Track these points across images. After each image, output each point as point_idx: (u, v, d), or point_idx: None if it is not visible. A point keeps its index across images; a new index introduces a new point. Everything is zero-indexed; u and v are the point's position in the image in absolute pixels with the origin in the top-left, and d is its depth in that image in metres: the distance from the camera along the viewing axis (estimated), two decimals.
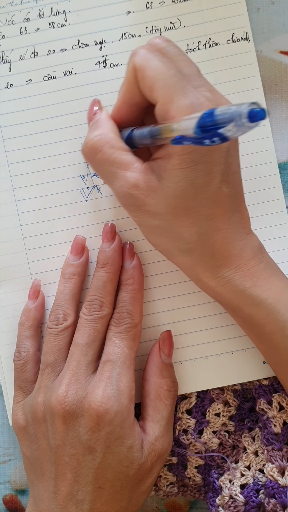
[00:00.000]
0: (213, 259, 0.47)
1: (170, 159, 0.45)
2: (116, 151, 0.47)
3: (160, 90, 0.44)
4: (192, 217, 0.46)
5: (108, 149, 0.47)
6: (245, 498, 0.51)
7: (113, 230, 0.54)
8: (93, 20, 0.57)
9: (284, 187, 0.56)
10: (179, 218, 0.46)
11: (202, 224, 0.46)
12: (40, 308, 0.55)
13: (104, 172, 0.48)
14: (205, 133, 0.38)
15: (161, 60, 0.45)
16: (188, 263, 0.49)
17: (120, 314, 0.51)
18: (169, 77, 0.44)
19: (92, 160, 0.49)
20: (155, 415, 0.51)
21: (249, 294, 0.47)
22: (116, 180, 0.47)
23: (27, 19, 0.57)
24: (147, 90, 0.46)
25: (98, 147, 0.48)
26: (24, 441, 0.52)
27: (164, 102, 0.44)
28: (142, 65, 0.46)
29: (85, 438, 0.48)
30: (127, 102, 0.49)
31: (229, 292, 0.48)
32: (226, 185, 0.46)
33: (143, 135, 0.47)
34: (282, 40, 0.57)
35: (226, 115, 0.36)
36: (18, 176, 0.56)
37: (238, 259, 0.47)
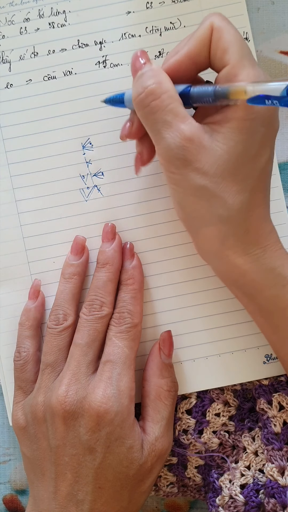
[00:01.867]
0: (247, 235, 0.47)
1: (228, 122, 0.45)
2: (175, 101, 0.46)
3: (235, 54, 0.45)
4: (239, 184, 0.45)
5: (167, 97, 0.46)
6: (245, 498, 0.51)
7: (113, 230, 0.54)
8: (93, 20, 0.57)
9: (284, 187, 0.56)
10: (227, 182, 0.45)
11: (248, 194, 0.46)
12: (40, 308, 0.55)
13: (157, 120, 0.46)
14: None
15: (235, 29, 0.46)
16: (220, 233, 0.47)
17: (120, 314, 0.52)
18: (243, 47, 0.45)
19: (146, 107, 0.46)
20: (155, 415, 0.51)
21: (278, 273, 0.47)
22: (170, 129, 0.45)
23: (27, 19, 0.57)
24: (219, 51, 0.45)
25: (157, 93, 0.46)
26: (24, 441, 0.52)
27: (235, 66, 0.44)
28: (222, 26, 0.45)
29: (85, 438, 0.48)
30: (191, 57, 0.47)
31: (257, 270, 0.47)
32: (270, 164, 0.47)
33: (206, 92, 0.46)
34: (282, 40, 0.57)
35: None
36: (18, 176, 0.56)
37: (268, 239, 0.47)
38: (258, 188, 0.46)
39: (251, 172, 0.45)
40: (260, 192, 0.46)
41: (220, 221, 0.46)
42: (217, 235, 0.47)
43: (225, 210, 0.46)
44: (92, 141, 0.56)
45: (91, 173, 0.56)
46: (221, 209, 0.46)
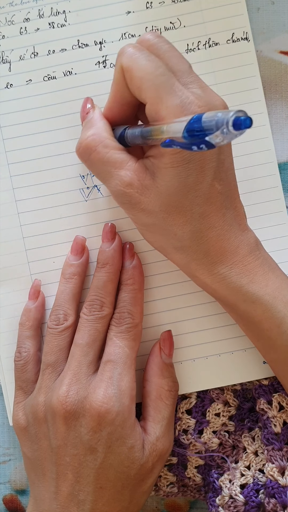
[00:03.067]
0: (208, 256, 0.47)
1: (162, 157, 0.45)
2: (110, 150, 0.47)
3: (149, 91, 0.44)
4: (185, 215, 0.46)
5: (102, 148, 0.47)
6: (245, 498, 0.51)
7: (113, 230, 0.54)
8: (93, 20, 0.57)
9: (284, 187, 0.56)
10: (172, 216, 0.46)
11: (196, 222, 0.46)
12: (40, 308, 0.55)
13: (99, 171, 0.48)
14: (193, 138, 0.38)
15: (148, 59, 0.45)
16: (183, 260, 0.49)
17: (121, 314, 0.52)
18: (157, 76, 0.44)
19: (86, 160, 0.49)
20: (156, 415, 0.52)
21: (246, 291, 0.47)
22: (111, 179, 0.47)
23: (27, 19, 0.57)
24: (136, 91, 0.46)
25: (92, 147, 0.48)
26: (25, 441, 0.52)
27: (153, 103, 0.44)
28: (129, 66, 0.45)
29: (86, 438, 0.48)
30: (118, 101, 0.49)
31: (225, 288, 0.48)
32: (219, 182, 0.46)
33: (134, 135, 0.47)
34: (282, 40, 0.57)
35: (213, 122, 0.36)
36: (18, 176, 0.56)
37: (234, 256, 0.47)
38: (208, 211, 0.46)
39: (195, 200, 0.46)
40: (212, 215, 0.47)
41: (177, 251, 0.48)
42: (180, 261, 0.49)
43: (178, 241, 0.47)
44: None
45: (91, 173, 0.56)
46: (174, 240, 0.47)
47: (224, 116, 0.36)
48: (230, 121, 0.35)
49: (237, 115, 0.35)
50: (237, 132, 0.35)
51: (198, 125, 0.37)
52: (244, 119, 0.35)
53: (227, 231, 0.47)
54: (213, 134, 0.36)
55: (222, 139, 0.36)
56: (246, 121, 0.35)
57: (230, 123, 0.35)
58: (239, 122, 0.35)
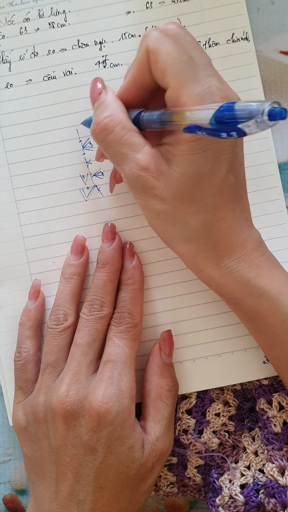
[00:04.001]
0: (217, 249, 0.47)
1: (179, 145, 0.44)
2: (128, 132, 0.47)
3: (172, 75, 0.44)
4: (198, 205, 0.46)
5: (120, 129, 0.47)
6: (245, 498, 0.51)
7: (113, 230, 0.54)
8: (93, 20, 0.57)
9: (284, 187, 0.56)
10: (185, 204, 0.46)
11: (208, 212, 0.46)
12: (40, 308, 0.55)
13: (114, 153, 0.47)
14: (221, 126, 0.38)
15: (175, 44, 0.45)
16: (190, 251, 0.48)
17: (121, 314, 0.52)
18: (181, 62, 0.44)
19: (102, 141, 0.47)
20: (156, 415, 0.52)
21: (253, 285, 0.47)
22: (126, 161, 0.46)
23: (27, 19, 0.57)
24: (159, 74, 0.45)
25: (110, 127, 0.47)
26: (25, 441, 0.52)
27: (176, 88, 0.44)
28: (156, 48, 0.45)
29: (86, 438, 0.48)
30: (136, 83, 0.48)
31: (232, 282, 0.48)
32: (233, 174, 0.46)
33: (152, 119, 0.46)
34: (282, 40, 0.57)
35: (246, 111, 0.36)
36: (18, 176, 0.56)
37: (242, 250, 0.47)
38: (220, 203, 0.46)
39: (208, 190, 0.45)
40: (223, 206, 0.46)
41: (186, 241, 0.48)
42: (188, 252, 0.48)
43: (188, 231, 0.47)
44: (92, 141, 0.56)
45: (91, 173, 0.56)
46: (184, 230, 0.47)
47: (259, 106, 0.35)
48: (266, 110, 0.35)
49: (273, 106, 0.35)
50: (272, 122, 0.35)
51: (229, 113, 0.37)
52: (280, 110, 0.35)
53: (236, 225, 0.47)
54: (246, 123, 0.36)
55: (254, 128, 0.36)
56: (282, 113, 0.35)
57: (266, 113, 0.35)
58: (274, 113, 0.35)
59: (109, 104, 0.48)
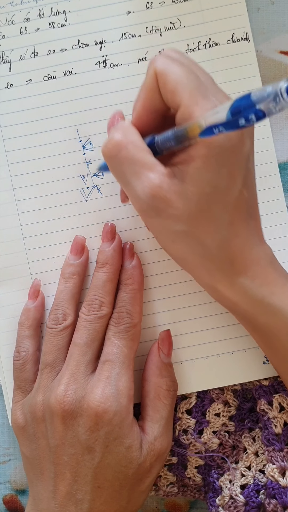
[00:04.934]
0: (232, 266, 0.47)
1: (193, 162, 0.44)
2: (142, 151, 0.46)
3: (184, 94, 0.44)
4: (214, 222, 0.45)
5: (133, 147, 0.46)
6: (245, 498, 0.51)
7: (113, 230, 0.54)
8: (93, 20, 0.57)
9: (284, 187, 0.56)
10: (201, 223, 0.45)
11: (224, 229, 0.46)
12: (39, 308, 0.55)
13: (125, 171, 0.46)
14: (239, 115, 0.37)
15: (181, 65, 0.45)
16: (206, 271, 0.48)
17: (120, 314, 0.52)
18: (191, 80, 0.44)
19: (114, 157, 0.46)
20: (154, 414, 0.52)
21: (267, 303, 0.47)
22: (139, 180, 0.45)
23: (27, 19, 0.57)
24: (169, 95, 0.45)
25: (123, 144, 0.46)
26: (24, 440, 0.52)
27: (188, 105, 0.44)
28: (164, 69, 0.45)
29: (84, 437, 0.48)
30: (147, 108, 0.48)
31: (246, 301, 0.47)
32: (246, 190, 0.46)
33: (167, 137, 0.46)
34: (282, 40, 0.57)
35: (264, 94, 0.36)
36: (18, 176, 0.56)
37: (256, 266, 0.47)
38: (236, 219, 0.46)
39: (224, 207, 0.45)
40: (239, 223, 0.46)
41: (204, 260, 0.47)
42: (204, 271, 0.48)
43: (206, 250, 0.46)
44: (92, 141, 0.56)
45: (91, 173, 0.56)
46: (201, 249, 0.46)
47: (276, 86, 0.35)
48: (283, 88, 0.34)
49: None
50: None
51: (246, 102, 0.37)
52: None
53: (251, 241, 0.47)
54: (263, 102, 0.36)
55: (274, 106, 0.35)
56: None
57: (284, 89, 0.34)
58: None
59: (123, 127, 0.47)
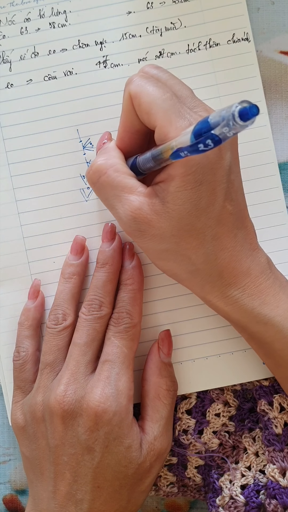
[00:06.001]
0: (221, 279, 0.47)
1: (173, 181, 0.45)
2: (121, 175, 0.47)
3: (158, 114, 0.45)
4: (198, 238, 0.46)
5: (112, 172, 0.47)
6: (245, 498, 0.51)
7: (113, 230, 0.54)
8: (93, 20, 0.57)
9: (284, 187, 0.56)
10: (185, 240, 0.46)
11: (209, 244, 0.46)
12: (39, 308, 0.55)
13: (107, 195, 0.48)
14: (199, 138, 0.38)
15: (155, 85, 0.46)
16: (196, 284, 0.48)
17: (119, 314, 0.52)
18: (164, 100, 0.45)
19: (96, 183, 0.48)
20: (154, 414, 0.52)
21: (257, 313, 0.47)
22: (120, 203, 0.47)
23: (27, 19, 0.57)
24: (145, 116, 0.46)
25: (103, 169, 0.48)
26: (23, 440, 0.52)
27: (163, 126, 0.44)
28: (138, 92, 0.46)
29: (83, 438, 0.48)
30: (128, 130, 0.49)
31: (237, 311, 0.48)
32: (230, 203, 0.46)
33: (146, 158, 0.47)
34: (282, 40, 0.57)
35: (220, 118, 0.36)
36: (18, 176, 0.56)
37: (246, 277, 0.47)
38: (220, 233, 0.46)
39: (206, 222, 0.45)
40: (224, 236, 0.46)
41: (191, 275, 0.48)
42: (194, 284, 0.49)
43: (192, 265, 0.47)
44: (92, 141, 0.56)
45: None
46: (189, 265, 0.47)
47: (229, 110, 0.35)
48: (236, 112, 0.35)
49: (242, 106, 0.35)
50: (247, 122, 0.35)
51: (205, 126, 0.37)
52: (249, 107, 0.35)
53: (239, 252, 0.47)
54: (218, 127, 0.36)
55: (228, 130, 0.36)
56: (252, 109, 0.35)
57: (237, 114, 0.35)
58: (245, 112, 0.35)
59: (107, 150, 0.50)
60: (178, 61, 0.56)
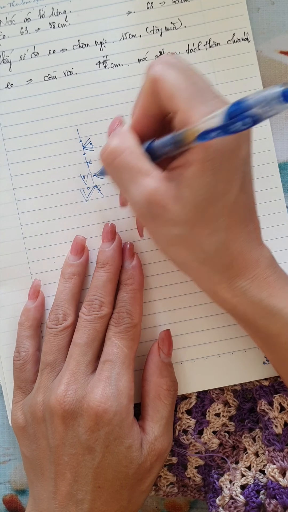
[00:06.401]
0: (231, 269, 0.47)
1: (190, 166, 0.44)
2: (137, 156, 0.46)
3: (181, 98, 0.44)
4: (212, 226, 0.45)
5: (129, 153, 0.46)
6: (245, 498, 0.51)
7: (113, 230, 0.54)
8: (93, 20, 0.57)
9: (284, 187, 0.56)
10: (198, 227, 0.45)
11: (221, 233, 0.46)
12: (39, 308, 0.55)
13: (122, 177, 0.47)
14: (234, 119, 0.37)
15: (178, 71, 0.45)
16: (205, 274, 0.48)
17: (120, 314, 0.52)
18: (189, 85, 0.44)
19: (111, 164, 0.47)
20: (155, 414, 0.52)
21: (265, 305, 0.47)
22: (135, 186, 0.46)
23: (27, 19, 0.57)
24: (167, 100, 0.45)
25: (119, 151, 0.46)
26: (24, 441, 0.52)
27: (186, 110, 0.44)
28: (162, 75, 0.45)
29: (84, 438, 0.48)
30: (146, 113, 0.48)
31: (245, 303, 0.47)
32: (244, 194, 0.46)
33: (165, 142, 0.46)
34: (282, 40, 0.57)
35: (260, 98, 0.36)
36: (18, 176, 0.56)
37: (255, 269, 0.47)
38: (233, 222, 0.46)
39: (221, 210, 0.45)
40: (236, 226, 0.46)
41: (202, 263, 0.47)
42: (203, 274, 0.48)
43: (203, 253, 0.46)
44: (92, 141, 0.56)
45: (92, 173, 0.56)
46: (199, 253, 0.46)
47: (272, 90, 0.35)
48: (280, 92, 0.34)
49: (286, 87, 0.34)
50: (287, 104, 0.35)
51: (241, 106, 0.37)
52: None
53: (249, 243, 0.47)
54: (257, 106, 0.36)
55: (269, 109, 0.35)
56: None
57: (280, 94, 0.34)
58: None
59: (121, 133, 0.48)
60: None
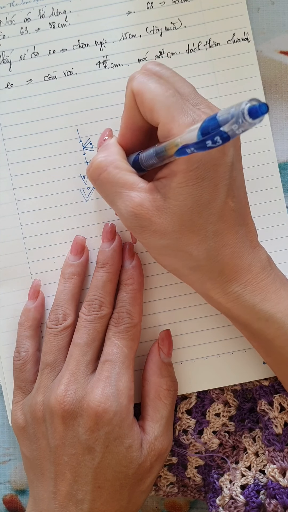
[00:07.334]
0: (222, 275, 0.47)
1: (175, 177, 0.45)
2: (121, 171, 0.47)
3: (161, 111, 0.45)
4: (199, 234, 0.46)
5: (113, 169, 0.47)
6: (245, 498, 0.51)
7: (113, 230, 0.54)
8: (93, 20, 0.57)
9: (284, 187, 0.56)
10: (186, 236, 0.46)
11: (210, 240, 0.46)
12: (39, 308, 0.55)
13: (108, 192, 0.48)
14: (206, 135, 0.38)
15: (158, 82, 0.46)
16: (197, 280, 0.48)
17: (120, 314, 0.52)
18: (167, 97, 0.45)
19: (96, 180, 0.49)
20: (155, 414, 0.52)
21: (259, 309, 0.47)
22: (121, 200, 0.47)
23: (27, 19, 0.57)
24: (148, 113, 0.46)
25: (103, 166, 0.48)
26: (24, 441, 0.52)
27: (166, 122, 0.44)
28: (140, 89, 0.46)
29: (84, 438, 0.48)
30: (130, 127, 0.49)
31: (239, 308, 0.48)
32: (232, 199, 0.46)
33: (149, 155, 0.47)
34: (282, 40, 0.57)
35: (228, 116, 0.36)
36: (18, 176, 0.56)
37: (247, 273, 0.47)
38: (222, 229, 0.46)
39: (208, 218, 0.46)
40: (226, 232, 0.47)
41: (193, 271, 0.48)
42: (195, 281, 0.49)
43: (194, 261, 0.47)
44: (92, 141, 0.56)
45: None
46: (189, 261, 0.47)
47: (238, 108, 0.35)
48: (245, 110, 0.35)
49: (251, 104, 0.35)
50: (255, 120, 0.35)
51: (213, 123, 0.37)
52: (259, 105, 0.35)
53: (240, 248, 0.47)
54: (227, 124, 0.36)
55: (237, 127, 0.36)
56: (262, 108, 0.35)
57: (246, 112, 0.35)
58: (255, 110, 0.35)
59: (107, 147, 0.50)
60: (178, 61, 0.56)
